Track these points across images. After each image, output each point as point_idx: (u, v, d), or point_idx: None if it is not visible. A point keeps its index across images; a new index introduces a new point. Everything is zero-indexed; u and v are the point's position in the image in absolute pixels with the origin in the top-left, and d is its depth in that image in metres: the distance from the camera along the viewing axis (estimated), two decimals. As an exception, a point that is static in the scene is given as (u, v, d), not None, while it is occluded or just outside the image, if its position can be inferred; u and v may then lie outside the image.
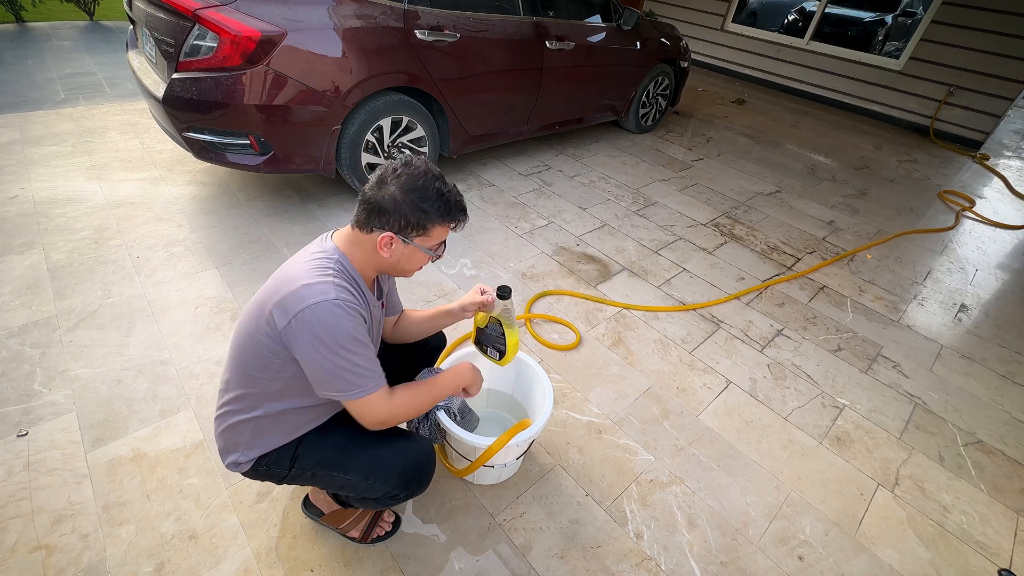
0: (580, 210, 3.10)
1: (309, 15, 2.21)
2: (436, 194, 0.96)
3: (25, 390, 1.63)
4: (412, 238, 0.98)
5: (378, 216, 0.95)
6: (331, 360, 0.91)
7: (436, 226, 0.98)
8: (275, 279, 0.97)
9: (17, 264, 2.14)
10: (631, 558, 1.39)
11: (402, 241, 0.98)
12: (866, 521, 1.56)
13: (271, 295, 0.93)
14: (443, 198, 0.97)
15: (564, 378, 1.92)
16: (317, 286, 0.90)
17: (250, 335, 0.97)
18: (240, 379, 1.02)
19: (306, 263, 0.96)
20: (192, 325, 1.94)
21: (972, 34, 4.95)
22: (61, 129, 3.29)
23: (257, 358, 0.97)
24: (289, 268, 0.97)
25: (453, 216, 1.00)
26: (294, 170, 2.45)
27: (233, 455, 1.08)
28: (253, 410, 1.03)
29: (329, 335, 0.90)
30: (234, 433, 1.06)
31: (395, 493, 1.12)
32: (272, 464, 1.09)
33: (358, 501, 1.20)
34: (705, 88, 6.17)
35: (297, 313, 0.89)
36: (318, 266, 0.95)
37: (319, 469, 1.10)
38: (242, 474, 1.10)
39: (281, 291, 0.92)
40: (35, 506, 1.34)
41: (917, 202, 3.83)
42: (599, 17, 3.55)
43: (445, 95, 2.74)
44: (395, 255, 1.00)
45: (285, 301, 0.90)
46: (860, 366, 2.17)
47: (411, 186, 0.94)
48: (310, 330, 0.89)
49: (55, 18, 5.89)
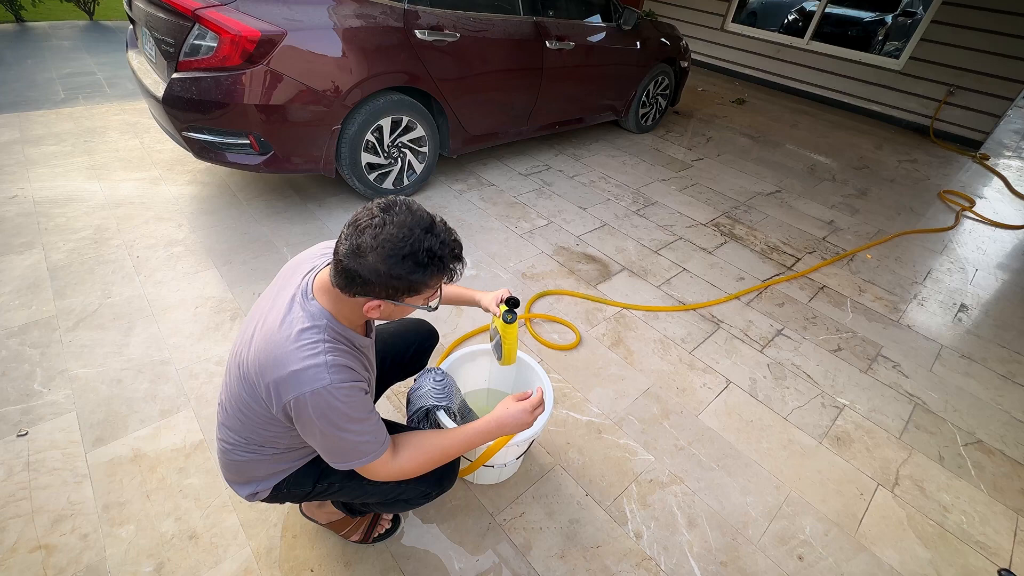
0: (580, 210, 3.10)
1: (309, 15, 2.20)
2: (427, 257, 0.81)
3: (25, 390, 1.63)
4: (403, 300, 0.88)
5: (360, 286, 0.82)
6: (333, 441, 0.88)
7: (428, 284, 0.86)
8: (265, 354, 0.86)
9: (17, 264, 2.14)
10: (631, 558, 1.39)
11: (392, 303, 0.88)
12: (866, 521, 1.56)
13: (262, 374, 0.86)
14: (434, 256, 0.82)
15: (564, 378, 1.92)
16: (309, 371, 0.83)
17: (246, 402, 0.92)
18: (244, 431, 0.98)
19: (294, 338, 0.85)
20: (192, 325, 1.94)
21: (972, 34, 4.94)
22: (61, 129, 3.29)
23: (257, 421, 0.94)
24: (277, 342, 0.86)
25: (447, 271, 0.87)
26: (294, 170, 2.45)
27: (250, 487, 1.06)
28: (263, 451, 1.00)
29: (327, 420, 0.85)
30: (248, 468, 1.03)
31: (429, 491, 1.11)
32: (293, 486, 1.06)
33: (383, 506, 1.16)
34: (705, 88, 6.17)
35: (293, 400, 0.84)
36: (308, 342, 0.85)
37: (348, 480, 1.06)
38: (260, 501, 1.08)
39: (272, 373, 0.85)
40: (35, 506, 1.34)
41: (917, 202, 3.83)
42: (599, 17, 3.55)
43: (445, 95, 2.74)
44: (384, 314, 0.91)
45: (277, 387, 0.84)
46: (860, 366, 2.17)
47: (395, 255, 0.79)
48: (305, 416, 0.85)
49: (55, 18, 5.89)
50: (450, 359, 1.48)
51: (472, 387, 1.62)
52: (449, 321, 2.10)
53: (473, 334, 2.04)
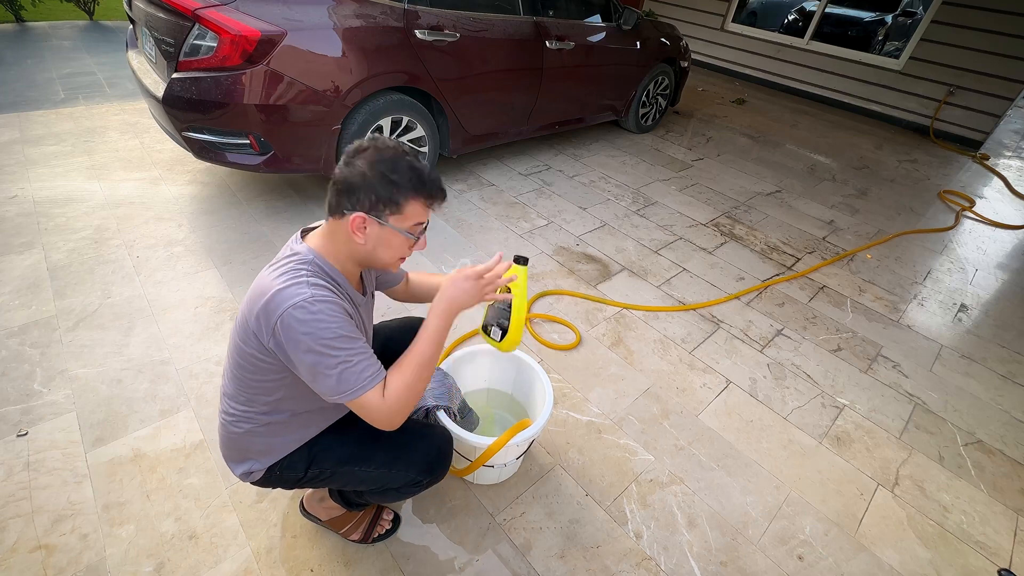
0: (580, 210, 3.10)
1: (309, 15, 2.20)
2: (407, 167, 0.91)
3: (25, 390, 1.63)
4: (386, 217, 0.92)
5: (348, 196, 0.90)
6: (322, 363, 0.87)
7: (409, 201, 0.92)
8: (252, 289, 0.93)
9: (17, 264, 2.14)
10: (631, 558, 1.39)
11: (376, 222, 0.92)
12: (866, 521, 1.56)
13: (251, 307, 0.91)
14: (414, 170, 0.92)
15: (564, 378, 1.92)
16: (289, 289, 0.87)
17: (241, 350, 0.95)
18: (241, 391, 1.00)
19: (278, 267, 0.93)
20: (192, 325, 1.94)
21: (972, 34, 4.95)
22: (61, 129, 3.29)
23: (253, 371, 0.96)
24: (263, 277, 0.93)
25: (427, 189, 0.93)
26: (294, 170, 2.45)
27: (245, 465, 1.06)
28: (261, 419, 1.02)
29: (312, 337, 0.86)
30: (245, 442, 1.04)
31: (419, 479, 1.11)
32: (286, 470, 1.07)
33: (376, 495, 1.19)
34: (705, 88, 6.17)
35: (278, 320, 0.86)
36: (290, 270, 0.91)
37: (339, 466, 1.08)
38: (252, 483, 1.09)
39: (258, 301, 0.89)
40: (35, 506, 1.34)
41: (917, 202, 3.83)
42: (599, 17, 3.55)
43: (445, 95, 2.74)
44: (370, 240, 0.94)
45: (263, 311, 0.88)
46: (860, 366, 2.17)
47: (379, 158, 0.90)
48: (292, 336, 0.86)
49: (55, 18, 5.89)
50: (450, 359, 1.48)
51: (472, 387, 1.62)
52: (449, 321, 2.10)
53: (473, 334, 2.04)
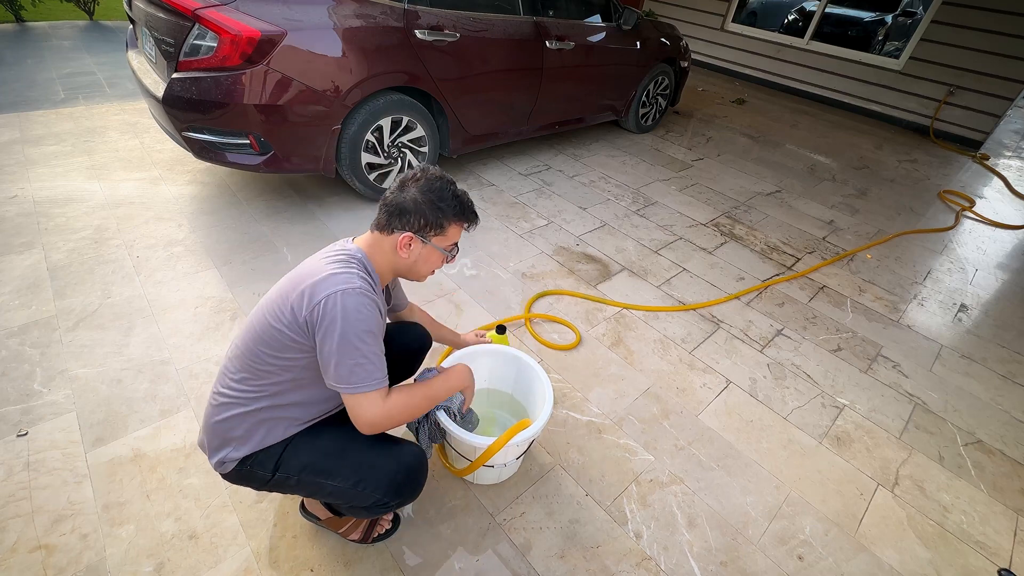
0: (580, 210, 3.10)
1: (309, 15, 2.20)
2: (451, 195, 1.07)
3: (25, 390, 1.63)
4: (430, 237, 1.08)
5: (399, 217, 1.05)
6: (347, 350, 0.94)
7: (452, 225, 1.09)
8: (299, 271, 1.02)
9: (17, 264, 2.14)
10: (631, 558, 1.39)
11: (421, 241, 1.07)
12: (866, 521, 1.56)
13: (296, 284, 0.98)
14: (458, 199, 1.08)
15: (564, 378, 1.92)
16: (343, 275, 0.97)
17: (268, 324, 0.99)
18: (249, 369, 1.02)
19: (331, 257, 1.03)
20: (192, 325, 1.94)
21: (972, 34, 4.94)
22: (61, 129, 3.29)
23: (274, 347, 0.99)
24: (314, 261, 1.03)
25: (467, 216, 1.11)
26: (294, 170, 2.45)
27: (223, 451, 1.05)
28: (254, 403, 1.03)
29: (351, 325, 0.94)
30: (229, 426, 1.04)
31: (385, 501, 1.10)
32: (256, 465, 1.06)
33: (347, 510, 1.19)
34: (705, 88, 6.17)
35: (325, 298, 0.93)
36: (343, 260, 1.02)
37: (304, 474, 1.07)
38: (223, 475, 1.08)
39: (308, 279, 0.97)
40: (35, 506, 1.34)
41: (917, 202, 3.83)
42: (599, 17, 3.55)
43: (445, 95, 2.74)
44: (413, 255, 1.09)
45: (313, 288, 0.95)
46: (860, 366, 2.17)
47: (429, 188, 1.05)
48: (334, 317, 0.93)
49: (55, 18, 5.89)
50: (450, 359, 1.48)
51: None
52: (449, 321, 2.11)
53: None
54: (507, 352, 1.55)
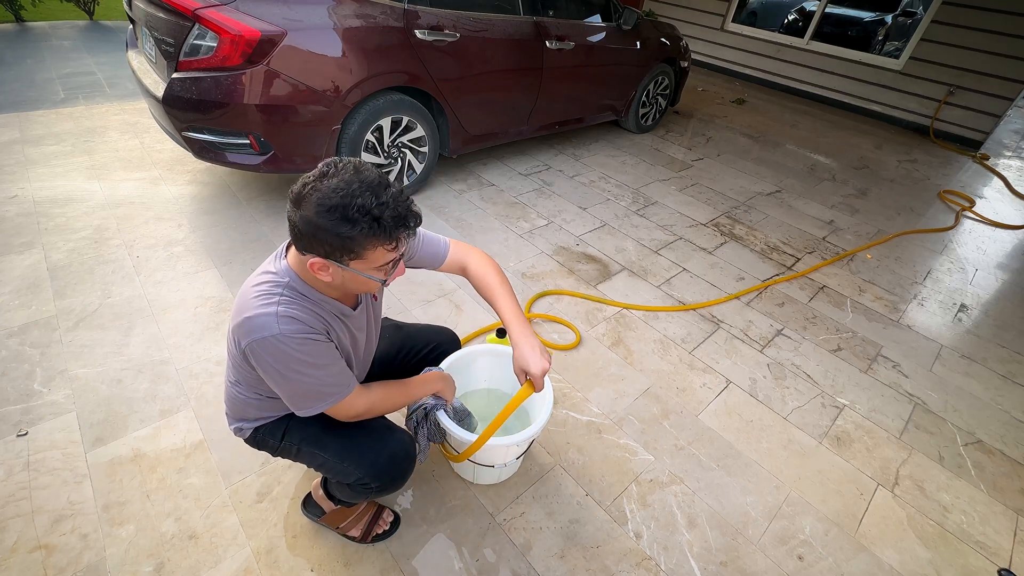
0: (580, 210, 3.10)
1: (309, 15, 2.20)
2: (359, 212, 0.77)
3: (25, 390, 1.63)
4: (347, 262, 0.84)
5: (300, 240, 0.83)
6: (288, 384, 0.95)
7: (367, 249, 0.82)
8: (237, 299, 0.95)
9: (17, 264, 2.14)
10: (631, 558, 1.39)
11: (338, 266, 0.85)
12: (866, 521, 1.56)
13: (232, 319, 0.95)
14: (369, 216, 0.78)
15: (564, 378, 1.92)
16: (258, 319, 0.87)
17: (231, 351, 1.02)
18: (242, 376, 1.07)
19: (258, 285, 0.92)
20: (192, 325, 1.94)
21: (972, 34, 4.94)
22: (61, 129, 3.29)
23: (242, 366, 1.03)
24: (245, 289, 0.94)
25: (387, 235, 0.81)
26: (294, 170, 2.45)
27: (238, 423, 1.16)
28: (250, 393, 1.10)
29: (280, 364, 0.91)
30: (240, 406, 1.13)
31: (366, 482, 1.13)
32: (267, 434, 1.15)
33: (335, 487, 1.25)
34: (705, 88, 6.17)
35: (247, 345, 0.91)
36: (264, 292, 0.90)
37: (304, 444, 1.14)
38: (243, 439, 1.18)
39: (236, 317, 0.92)
40: (35, 506, 1.34)
41: (917, 202, 3.83)
42: (599, 17, 3.55)
43: (445, 95, 2.74)
44: (336, 278, 0.89)
45: (238, 331, 0.92)
46: (860, 366, 2.17)
47: (326, 206, 0.77)
48: (261, 361, 0.92)
49: (55, 17, 5.88)
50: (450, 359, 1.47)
51: (472, 387, 1.62)
52: (449, 321, 2.10)
53: (473, 336, 2.04)
54: (507, 352, 1.55)
